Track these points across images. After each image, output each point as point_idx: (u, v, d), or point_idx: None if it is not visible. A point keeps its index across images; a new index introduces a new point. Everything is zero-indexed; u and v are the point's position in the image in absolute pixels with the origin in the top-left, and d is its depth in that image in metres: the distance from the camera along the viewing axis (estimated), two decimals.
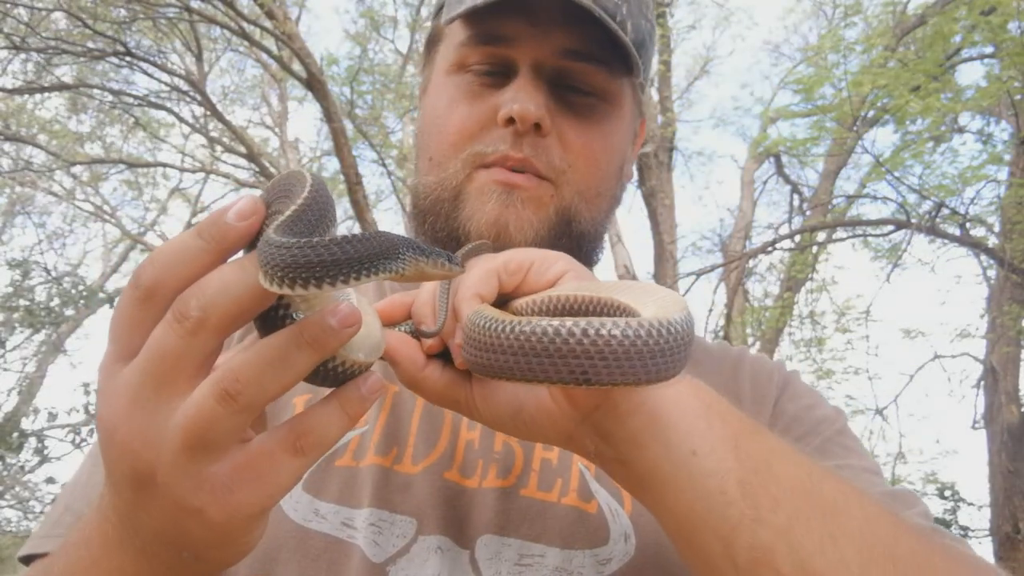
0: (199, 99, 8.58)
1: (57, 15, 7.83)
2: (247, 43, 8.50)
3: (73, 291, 10.37)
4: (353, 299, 0.56)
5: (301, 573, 0.73)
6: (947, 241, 7.02)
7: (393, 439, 0.82)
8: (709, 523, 0.56)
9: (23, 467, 10.10)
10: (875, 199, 7.60)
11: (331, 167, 12.34)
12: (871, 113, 7.04)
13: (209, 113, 9.03)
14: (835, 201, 8.96)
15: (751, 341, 9.65)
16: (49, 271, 10.83)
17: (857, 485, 0.64)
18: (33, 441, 9.76)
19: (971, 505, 9.18)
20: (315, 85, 7.08)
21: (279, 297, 0.50)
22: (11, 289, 10.12)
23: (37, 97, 10.01)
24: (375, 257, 0.48)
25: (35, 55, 8.20)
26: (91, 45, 7.97)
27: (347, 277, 0.46)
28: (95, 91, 9.68)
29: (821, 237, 7.82)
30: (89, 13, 7.48)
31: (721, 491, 0.56)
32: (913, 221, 6.25)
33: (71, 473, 0.90)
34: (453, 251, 0.90)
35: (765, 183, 11.62)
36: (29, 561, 0.76)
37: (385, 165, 10.05)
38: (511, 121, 0.87)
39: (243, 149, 9.47)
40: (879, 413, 8.51)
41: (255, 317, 0.50)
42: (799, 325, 9.89)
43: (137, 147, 12.37)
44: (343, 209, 8.63)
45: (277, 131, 13.17)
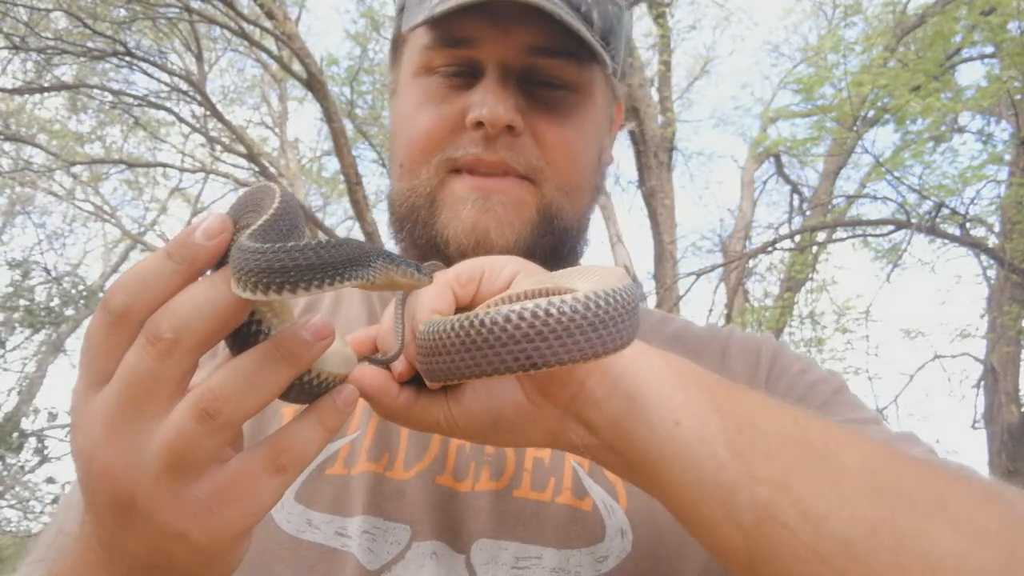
0: (199, 99, 8.58)
1: (57, 15, 7.83)
2: (247, 43, 8.50)
3: (73, 291, 10.37)
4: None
5: None
6: (947, 241, 7.02)
7: (384, 445, 0.81)
8: (706, 491, 0.55)
9: (23, 467, 10.10)
10: (875, 199, 7.61)
11: (331, 167, 12.36)
12: (871, 113, 7.04)
13: (209, 113, 9.02)
14: (835, 201, 8.96)
15: None
16: (49, 271, 10.82)
17: (846, 427, 0.63)
18: (33, 441, 9.76)
19: None
20: (315, 85, 7.08)
21: (251, 313, 0.50)
22: (11, 289, 10.12)
23: (36, 97, 10.01)
24: (347, 263, 0.48)
25: (35, 55, 8.19)
26: (91, 45, 7.97)
27: (321, 282, 0.46)
28: (95, 91, 9.68)
29: (821, 237, 7.81)
30: (89, 13, 7.48)
31: (711, 455, 0.55)
32: (913, 221, 6.24)
33: (66, 490, 0.89)
34: (437, 258, 0.88)
35: (765, 183, 11.63)
36: None
37: (385, 165, 10.05)
38: (480, 125, 0.85)
39: (243, 149, 9.46)
40: (879, 413, 8.50)
41: (227, 336, 0.50)
42: (799, 325, 9.89)
43: (137, 147, 12.38)
44: (343, 209, 8.64)
45: (277, 131, 13.17)
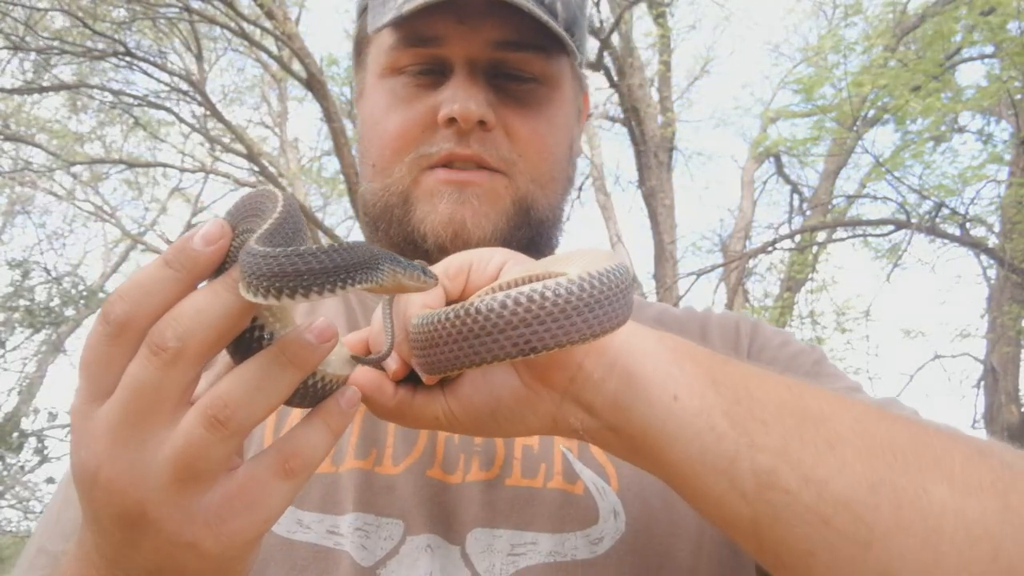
0: (199, 99, 8.58)
1: (56, 14, 7.83)
2: (247, 43, 8.50)
3: (73, 291, 10.37)
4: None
5: None
6: (947, 241, 7.02)
7: (371, 441, 0.81)
8: (708, 462, 0.56)
9: (23, 467, 10.10)
10: (875, 199, 7.61)
11: (331, 167, 12.35)
12: (871, 113, 7.04)
13: (209, 113, 9.03)
14: (835, 201, 8.97)
15: None
16: (49, 271, 10.83)
17: (836, 392, 0.64)
18: (33, 441, 9.76)
19: None
20: (315, 85, 7.08)
21: (253, 319, 0.50)
22: (11, 289, 10.12)
23: (35, 97, 10.01)
24: (357, 267, 0.48)
25: (34, 55, 8.20)
26: (91, 45, 7.98)
27: (333, 286, 0.47)
28: (95, 91, 9.68)
29: (821, 237, 7.81)
30: (88, 13, 7.48)
31: (710, 427, 0.56)
32: (913, 221, 6.25)
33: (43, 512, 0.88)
34: (414, 254, 0.89)
35: (765, 183, 11.63)
36: None
37: None
38: (452, 121, 0.86)
39: (243, 149, 9.47)
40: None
41: (229, 343, 0.50)
42: (799, 325, 9.88)
43: (137, 147, 12.38)
44: (343, 209, 8.64)
45: (277, 131, 13.18)
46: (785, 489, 0.55)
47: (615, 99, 9.52)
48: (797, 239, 8.26)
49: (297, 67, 7.38)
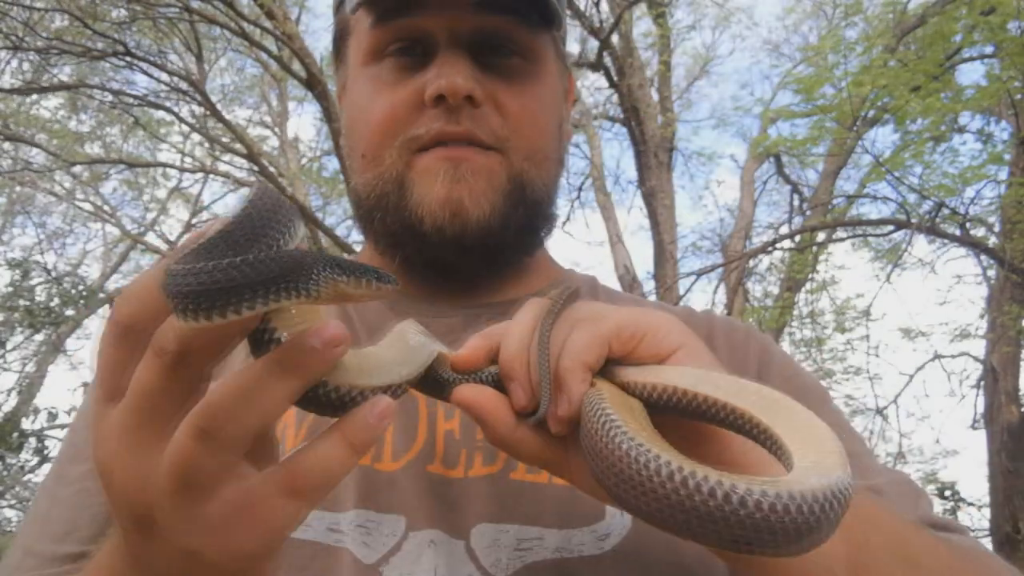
0: (199, 99, 8.57)
1: (56, 14, 7.83)
2: (247, 43, 8.49)
3: (73, 291, 10.36)
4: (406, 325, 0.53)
5: None
6: (947, 241, 7.02)
7: None
8: None
9: (23, 467, 10.10)
10: (875, 199, 7.59)
11: (331, 167, 12.35)
12: (871, 113, 7.04)
13: (209, 113, 9.02)
14: (835, 201, 8.96)
15: None
16: (49, 271, 10.83)
17: (912, 521, 0.68)
18: (33, 441, 9.75)
19: (971, 505, 9.17)
20: (315, 85, 7.07)
21: (263, 318, 0.47)
22: (11, 289, 10.12)
23: (35, 97, 10.00)
24: (277, 279, 0.41)
25: (34, 55, 8.19)
26: (90, 45, 7.97)
27: (252, 303, 0.41)
28: (95, 91, 9.67)
29: (821, 237, 7.81)
30: (88, 13, 7.48)
31: (830, 573, 0.57)
32: (913, 221, 6.24)
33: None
34: (413, 244, 0.87)
35: (765, 183, 11.62)
36: None
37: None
38: (440, 99, 0.83)
39: (243, 149, 9.46)
40: (879, 413, 8.50)
41: (248, 340, 0.47)
42: (799, 325, 9.88)
43: (137, 147, 12.36)
44: (343, 209, 8.62)
45: (277, 131, 13.17)
46: None
47: (615, 99, 9.52)
48: (797, 239, 8.25)
49: (297, 67, 7.38)
